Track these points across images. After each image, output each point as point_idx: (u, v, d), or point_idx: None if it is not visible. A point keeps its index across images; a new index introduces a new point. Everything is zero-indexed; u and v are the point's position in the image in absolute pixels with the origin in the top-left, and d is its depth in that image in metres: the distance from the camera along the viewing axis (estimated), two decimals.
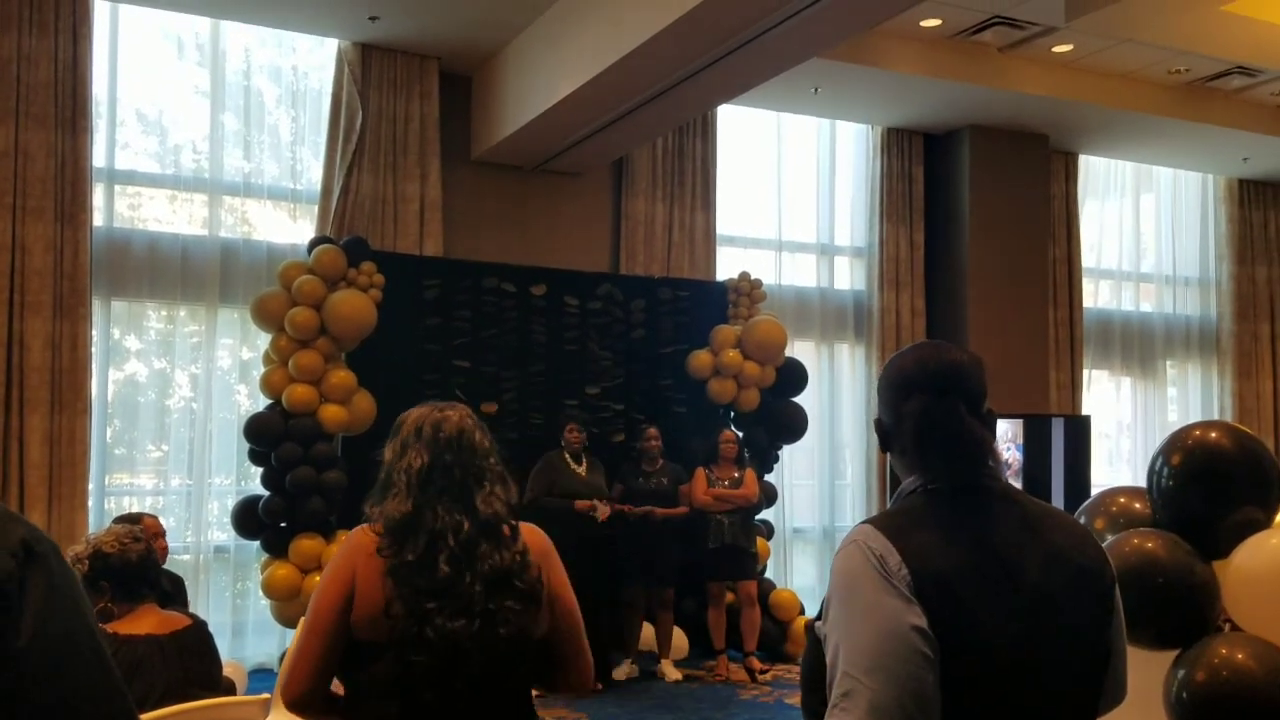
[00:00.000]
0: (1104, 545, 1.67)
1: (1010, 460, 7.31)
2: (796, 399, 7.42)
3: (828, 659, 1.47)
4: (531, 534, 2.06)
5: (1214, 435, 2.33)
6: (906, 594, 1.41)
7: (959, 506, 1.52)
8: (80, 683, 1.01)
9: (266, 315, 6.06)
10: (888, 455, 1.69)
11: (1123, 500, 2.54)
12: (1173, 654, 2.25)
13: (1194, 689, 2.13)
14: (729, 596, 6.55)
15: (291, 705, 1.98)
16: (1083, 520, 2.57)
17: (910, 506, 1.55)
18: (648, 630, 6.58)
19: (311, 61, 7.07)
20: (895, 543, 1.45)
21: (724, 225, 8.09)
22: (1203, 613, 2.25)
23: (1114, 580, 1.59)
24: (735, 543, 6.35)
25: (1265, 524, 2.30)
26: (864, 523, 1.54)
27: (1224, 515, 2.29)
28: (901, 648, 1.39)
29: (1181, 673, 2.17)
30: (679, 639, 6.71)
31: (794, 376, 7.40)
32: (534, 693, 2.09)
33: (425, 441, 2.00)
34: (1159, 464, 2.36)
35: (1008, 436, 7.37)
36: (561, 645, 2.05)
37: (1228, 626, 2.29)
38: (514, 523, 2.02)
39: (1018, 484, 7.27)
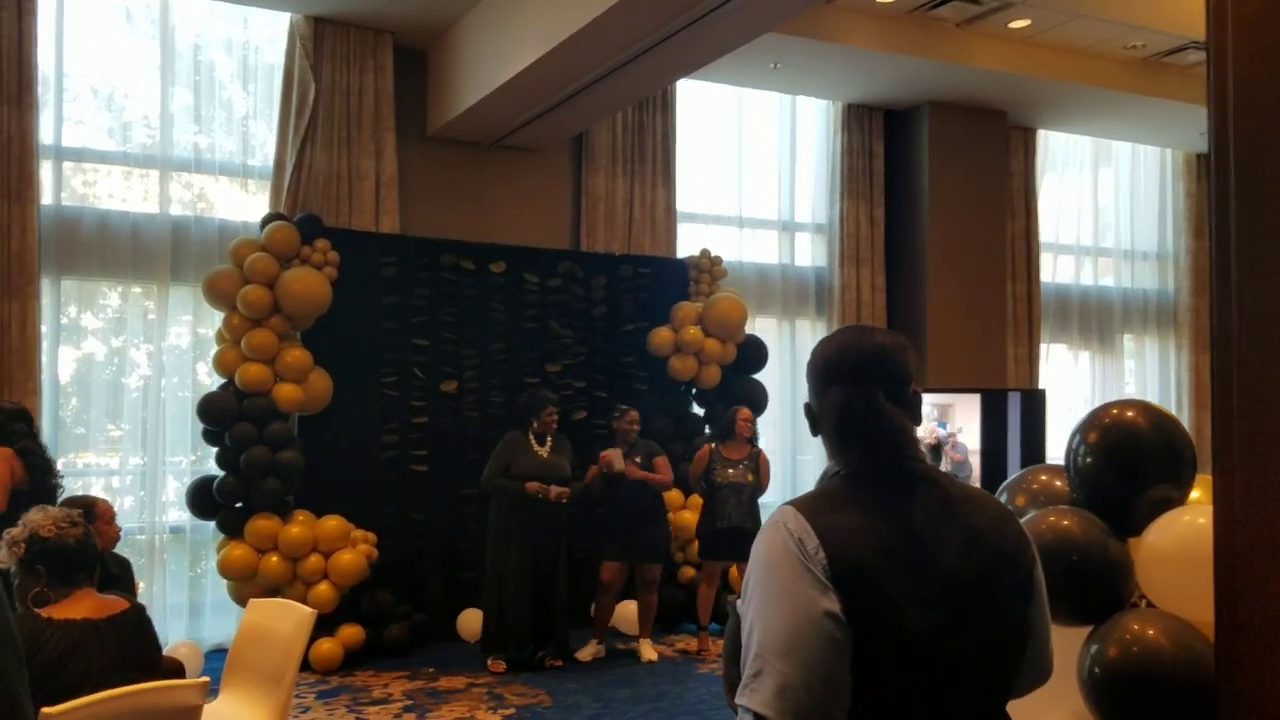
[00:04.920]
0: (1022, 522, 1.69)
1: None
2: (757, 375, 7.45)
3: (743, 637, 1.49)
4: None
5: (1130, 414, 2.35)
6: (822, 579, 1.43)
7: (880, 490, 1.54)
8: None
9: (218, 293, 6.00)
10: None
11: (1044, 478, 2.57)
12: (1087, 630, 2.29)
13: (1106, 664, 2.17)
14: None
15: None
16: (1005, 497, 2.60)
17: (832, 489, 1.57)
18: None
19: (264, 35, 6.96)
20: (814, 525, 1.47)
21: (685, 202, 8.06)
22: (1116, 589, 2.28)
23: (1034, 561, 1.60)
24: (741, 525, 6.17)
25: (1179, 502, 2.34)
26: (786, 504, 1.55)
27: (1138, 493, 2.32)
28: (813, 634, 1.41)
29: (1094, 648, 2.21)
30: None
31: (755, 353, 7.43)
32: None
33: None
34: (1076, 442, 2.38)
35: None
36: None
37: (1144, 604, 2.33)
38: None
39: (974, 459, 7.35)
